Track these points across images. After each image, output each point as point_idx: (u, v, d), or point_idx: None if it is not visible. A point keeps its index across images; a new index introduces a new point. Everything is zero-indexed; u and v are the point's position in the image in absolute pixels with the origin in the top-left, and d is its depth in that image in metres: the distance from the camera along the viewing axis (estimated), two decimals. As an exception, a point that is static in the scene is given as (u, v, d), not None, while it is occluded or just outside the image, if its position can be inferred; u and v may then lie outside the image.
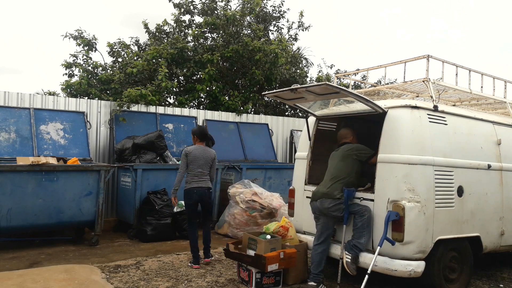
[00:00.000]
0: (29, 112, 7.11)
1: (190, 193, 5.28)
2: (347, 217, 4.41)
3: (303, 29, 13.32)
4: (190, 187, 5.29)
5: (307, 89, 4.20)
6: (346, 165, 4.58)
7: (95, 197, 6.39)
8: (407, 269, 3.94)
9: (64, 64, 10.05)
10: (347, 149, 4.69)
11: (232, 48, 11.02)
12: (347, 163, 4.59)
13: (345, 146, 4.77)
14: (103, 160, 7.99)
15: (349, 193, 4.40)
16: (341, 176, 4.54)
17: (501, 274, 5.49)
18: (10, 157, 6.64)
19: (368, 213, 4.28)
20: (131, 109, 8.25)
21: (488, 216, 4.72)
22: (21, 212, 5.78)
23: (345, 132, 4.95)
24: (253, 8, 11.80)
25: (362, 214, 4.29)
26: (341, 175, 4.54)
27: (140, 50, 11.93)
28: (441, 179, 4.24)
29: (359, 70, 7.33)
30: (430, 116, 4.36)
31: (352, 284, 4.75)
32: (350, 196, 4.41)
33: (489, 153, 4.86)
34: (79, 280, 4.63)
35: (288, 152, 10.75)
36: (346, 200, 4.38)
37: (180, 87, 11.82)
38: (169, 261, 5.58)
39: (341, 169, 4.58)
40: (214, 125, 9.31)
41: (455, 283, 4.49)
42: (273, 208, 7.18)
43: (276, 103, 13.15)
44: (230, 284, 4.71)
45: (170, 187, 7.22)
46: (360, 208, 4.34)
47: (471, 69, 5.35)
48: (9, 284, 4.44)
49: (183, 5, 11.72)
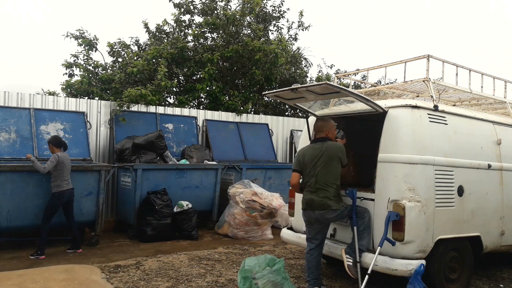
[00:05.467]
0: (29, 112, 7.11)
1: (63, 195, 5.69)
2: (355, 219, 4.23)
3: (303, 29, 13.32)
4: (63, 190, 5.70)
5: (308, 89, 4.19)
6: (334, 168, 4.26)
7: (95, 197, 6.39)
8: (407, 269, 3.93)
9: (65, 64, 10.05)
10: (334, 149, 4.30)
11: (232, 48, 11.02)
12: (334, 165, 4.26)
13: (328, 145, 4.33)
14: (103, 160, 7.98)
15: (354, 193, 4.28)
16: (332, 181, 4.23)
17: (501, 274, 5.49)
18: (11, 157, 6.64)
19: (368, 215, 4.24)
20: (131, 109, 8.25)
21: (488, 216, 4.72)
22: (21, 212, 5.79)
23: (324, 124, 4.49)
24: (253, 8, 11.79)
25: (363, 216, 4.24)
26: (332, 181, 4.23)
27: (140, 50, 11.94)
28: (441, 178, 4.24)
29: (359, 70, 7.32)
30: (430, 116, 4.35)
31: (352, 284, 4.75)
32: (355, 196, 4.29)
33: (489, 153, 4.86)
34: (79, 280, 4.63)
35: (288, 152, 10.75)
36: (355, 201, 4.27)
37: (180, 86, 11.82)
38: (169, 261, 5.58)
39: (330, 173, 4.24)
40: (214, 125, 9.31)
41: (455, 283, 4.48)
42: (273, 208, 7.18)
43: (276, 103, 13.15)
44: (230, 284, 4.71)
45: (170, 187, 7.27)
46: (360, 210, 4.29)
47: (471, 69, 5.35)
48: (9, 284, 4.44)
49: (183, 5, 11.72)
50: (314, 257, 4.37)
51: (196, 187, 7.63)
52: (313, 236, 4.40)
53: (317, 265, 4.38)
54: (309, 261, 4.38)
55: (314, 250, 4.38)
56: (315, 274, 4.35)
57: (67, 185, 5.74)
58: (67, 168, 5.76)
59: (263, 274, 4.00)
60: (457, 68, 5.15)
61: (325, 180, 4.24)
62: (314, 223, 4.34)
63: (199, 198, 7.62)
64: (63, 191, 5.68)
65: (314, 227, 4.37)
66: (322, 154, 4.29)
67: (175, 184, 7.37)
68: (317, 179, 4.27)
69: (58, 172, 5.67)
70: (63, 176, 5.70)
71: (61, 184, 5.68)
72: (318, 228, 4.36)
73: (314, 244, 4.39)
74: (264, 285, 3.94)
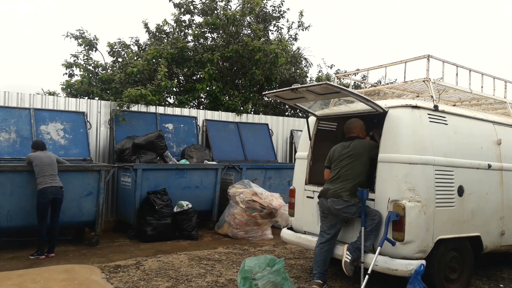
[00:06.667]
0: (29, 112, 7.11)
1: (44, 192, 5.64)
2: (364, 219, 4.23)
3: (303, 29, 13.32)
4: (44, 187, 5.65)
5: (308, 89, 4.20)
6: (360, 165, 4.36)
7: (95, 197, 6.39)
8: (407, 269, 3.93)
9: (65, 64, 10.04)
10: (360, 146, 4.43)
11: (232, 48, 11.02)
12: (360, 162, 4.37)
13: (356, 142, 4.48)
14: (103, 160, 7.98)
15: (365, 193, 4.25)
16: (352, 176, 4.34)
17: (501, 274, 5.49)
18: (11, 157, 6.64)
19: (379, 218, 4.18)
20: (131, 109, 8.25)
21: (488, 216, 4.72)
22: (21, 212, 5.79)
23: (354, 125, 4.63)
24: (253, 8, 11.79)
25: (373, 217, 4.20)
26: (353, 176, 4.34)
27: (140, 50, 11.94)
28: (441, 178, 4.24)
29: (359, 70, 7.32)
30: (430, 116, 4.35)
31: (352, 284, 4.75)
32: (366, 196, 4.26)
33: (489, 153, 4.86)
34: (79, 280, 4.63)
35: (288, 152, 10.75)
36: (364, 201, 4.26)
37: (180, 86, 11.82)
38: (169, 261, 5.58)
39: (353, 169, 4.36)
40: (214, 125, 9.31)
41: (455, 283, 4.48)
42: (273, 208, 7.18)
43: (276, 103, 13.15)
44: (230, 284, 4.71)
45: (170, 187, 7.28)
46: (371, 211, 4.26)
47: (472, 69, 5.35)
48: (9, 284, 4.44)
49: (183, 5, 11.72)
50: (323, 251, 4.40)
51: (196, 187, 7.63)
52: (325, 230, 4.47)
53: (325, 260, 4.39)
54: (317, 254, 4.43)
55: (324, 244, 4.42)
56: (321, 268, 4.37)
57: (49, 182, 5.67)
58: (45, 165, 5.69)
59: (263, 274, 4.00)
60: (457, 68, 5.15)
61: (346, 175, 4.39)
62: (328, 214, 4.43)
63: (199, 198, 7.62)
64: (44, 188, 5.62)
65: (327, 220, 4.45)
66: (349, 150, 4.46)
67: (175, 184, 7.37)
68: (339, 173, 4.44)
69: (37, 170, 5.67)
70: (42, 173, 5.66)
71: (42, 181, 5.63)
72: (332, 221, 4.42)
73: (325, 238, 4.44)
74: (264, 285, 3.93)
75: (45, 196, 5.63)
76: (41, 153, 5.83)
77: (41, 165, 5.68)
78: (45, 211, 5.69)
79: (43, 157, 5.76)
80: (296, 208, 5.27)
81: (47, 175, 5.69)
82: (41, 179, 5.65)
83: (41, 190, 5.62)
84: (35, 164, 5.68)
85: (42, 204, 5.64)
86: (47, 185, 5.64)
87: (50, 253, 5.73)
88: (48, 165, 5.75)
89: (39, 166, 5.68)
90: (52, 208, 5.77)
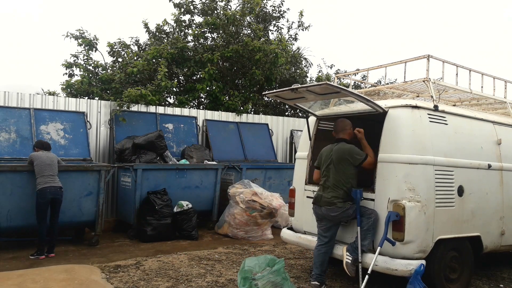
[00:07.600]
0: (29, 112, 7.11)
1: (43, 192, 5.63)
2: (360, 219, 4.26)
3: (303, 29, 13.32)
4: (43, 187, 5.65)
5: (308, 89, 4.20)
6: (344, 170, 4.37)
7: (95, 197, 6.39)
8: (407, 269, 3.94)
9: (65, 64, 10.04)
10: (341, 151, 4.42)
11: (232, 48, 11.02)
12: (344, 167, 4.37)
13: (339, 146, 4.47)
14: (103, 160, 7.98)
15: (358, 193, 4.28)
16: (342, 183, 4.35)
17: (501, 274, 5.49)
18: (11, 157, 6.64)
19: (375, 216, 4.21)
20: (131, 109, 8.25)
21: (488, 216, 4.72)
22: (21, 212, 5.79)
23: (340, 126, 4.61)
24: (253, 8, 11.79)
25: (369, 216, 4.23)
26: (343, 182, 4.35)
27: (140, 50, 11.93)
28: (441, 178, 4.24)
29: (359, 70, 7.33)
30: (430, 116, 4.35)
31: (352, 284, 4.75)
32: (360, 196, 4.29)
33: (489, 153, 4.86)
34: (79, 280, 4.63)
35: (288, 152, 10.75)
36: (358, 201, 4.29)
37: (180, 86, 11.82)
38: (169, 261, 5.58)
39: (340, 175, 4.37)
40: (214, 125, 9.32)
41: (455, 283, 4.48)
42: (273, 208, 7.18)
43: (276, 103, 13.15)
44: (230, 284, 4.71)
45: (170, 187, 7.27)
46: (367, 210, 4.29)
47: (472, 69, 5.35)
48: (9, 284, 4.44)
49: (183, 5, 11.72)
50: (321, 253, 4.45)
51: (196, 187, 7.63)
52: (322, 233, 4.52)
53: (323, 261, 4.43)
54: (316, 256, 4.49)
55: (322, 247, 4.48)
56: (319, 270, 4.42)
57: (48, 182, 5.66)
58: (45, 166, 5.69)
59: (263, 274, 4.00)
60: (457, 68, 5.15)
61: (336, 181, 4.40)
62: (322, 219, 4.49)
63: (199, 198, 7.63)
64: (43, 188, 5.62)
65: (323, 223, 4.50)
66: (332, 155, 4.48)
67: (175, 184, 7.37)
68: (329, 179, 4.46)
69: (37, 169, 5.67)
70: (42, 173, 5.66)
71: (41, 181, 5.64)
72: (327, 225, 4.47)
73: (322, 241, 4.49)
74: (264, 285, 3.93)
75: (44, 196, 5.63)
76: (43, 153, 5.83)
77: (41, 165, 5.68)
78: (45, 211, 5.69)
79: (43, 157, 5.76)
80: (296, 208, 5.27)
81: (47, 175, 5.69)
82: (41, 179, 5.65)
83: (40, 190, 5.62)
84: (36, 164, 5.69)
85: (41, 204, 5.64)
86: (46, 185, 5.64)
87: (50, 253, 5.73)
88: (48, 165, 5.75)
89: (39, 166, 5.68)
90: (51, 208, 5.76)
